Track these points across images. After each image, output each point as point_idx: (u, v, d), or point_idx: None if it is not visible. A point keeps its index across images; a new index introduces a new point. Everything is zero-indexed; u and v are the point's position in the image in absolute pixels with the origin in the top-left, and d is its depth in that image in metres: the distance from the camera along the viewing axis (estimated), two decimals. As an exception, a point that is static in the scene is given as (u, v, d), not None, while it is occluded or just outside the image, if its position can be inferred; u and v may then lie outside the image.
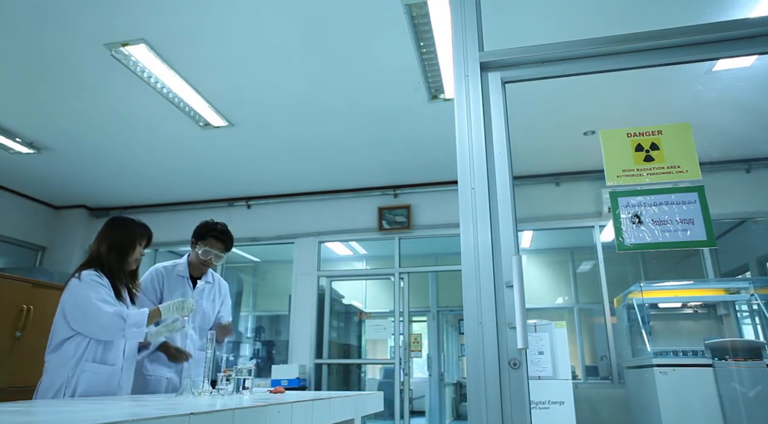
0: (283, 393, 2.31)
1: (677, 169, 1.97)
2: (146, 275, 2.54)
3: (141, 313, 2.13)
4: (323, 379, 5.87)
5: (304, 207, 6.42)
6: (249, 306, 8.74)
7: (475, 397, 1.63)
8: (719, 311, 4.75)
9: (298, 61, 3.74)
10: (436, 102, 4.20)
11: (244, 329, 8.38)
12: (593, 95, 4.17)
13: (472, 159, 1.79)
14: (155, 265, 2.66)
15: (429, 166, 5.48)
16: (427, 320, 9.02)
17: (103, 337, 2.10)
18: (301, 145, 5.12)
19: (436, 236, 5.98)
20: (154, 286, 2.54)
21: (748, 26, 1.93)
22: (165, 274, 2.60)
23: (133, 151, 5.25)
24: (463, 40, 1.98)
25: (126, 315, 2.08)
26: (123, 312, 2.10)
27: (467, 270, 1.71)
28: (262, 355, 7.63)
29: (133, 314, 2.11)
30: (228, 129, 4.74)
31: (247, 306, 8.68)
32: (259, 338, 8.01)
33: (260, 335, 8.11)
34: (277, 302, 8.00)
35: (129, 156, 5.36)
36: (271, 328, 8.35)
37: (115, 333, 2.07)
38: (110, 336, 2.10)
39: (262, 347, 7.78)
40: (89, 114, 4.49)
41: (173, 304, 2.21)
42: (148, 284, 2.51)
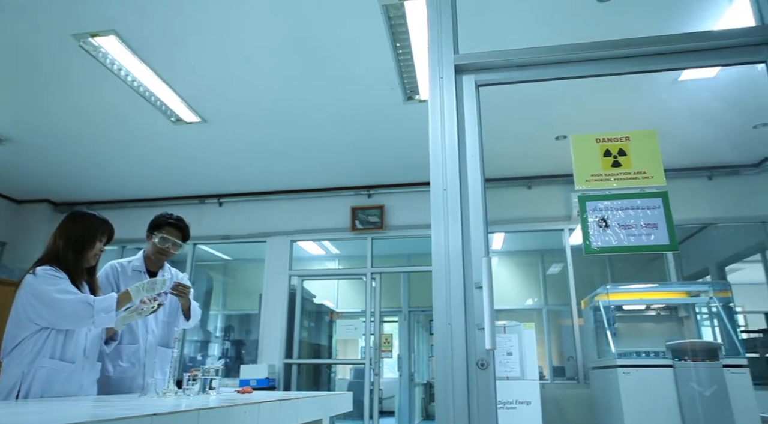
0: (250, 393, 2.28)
1: (643, 175, 2.03)
2: (101, 271, 2.46)
3: (109, 297, 2.06)
4: (293, 379, 5.83)
5: (277, 205, 6.37)
6: (219, 305, 8.62)
7: (442, 397, 1.65)
8: (680, 313, 4.90)
9: (274, 59, 3.71)
10: (412, 103, 4.22)
11: (213, 328, 8.25)
12: (566, 100, 4.25)
13: (444, 161, 1.81)
14: (110, 262, 2.59)
15: (403, 166, 5.50)
16: (399, 320, 9.04)
17: (72, 326, 2.03)
18: (274, 144, 5.07)
19: (409, 236, 6.00)
20: (109, 282, 2.47)
21: (712, 38, 2.00)
22: (120, 270, 2.53)
23: (102, 145, 5.11)
24: (439, 43, 2.00)
25: (93, 301, 2.02)
26: (89, 298, 2.03)
27: (438, 271, 1.72)
28: (231, 355, 7.52)
29: (101, 299, 2.05)
30: (200, 125, 4.66)
31: (216, 305, 8.55)
32: (229, 338, 7.90)
33: (229, 335, 8.00)
34: (248, 301, 7.90)
35: (97, 150, 5.22)
36: (241, 327, 8.25)
37: (83, 320, 2.01)
38: (79, 324, 2.03)
39: (231, 347, 7.68)
40: (55, 105, 4.36)
41: (143, 284, 2.14)
42: (103, 281, 2.43)
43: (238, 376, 5.50)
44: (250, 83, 4.02)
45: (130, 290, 2.12)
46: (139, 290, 2.12)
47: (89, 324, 2.04)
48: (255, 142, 5.05)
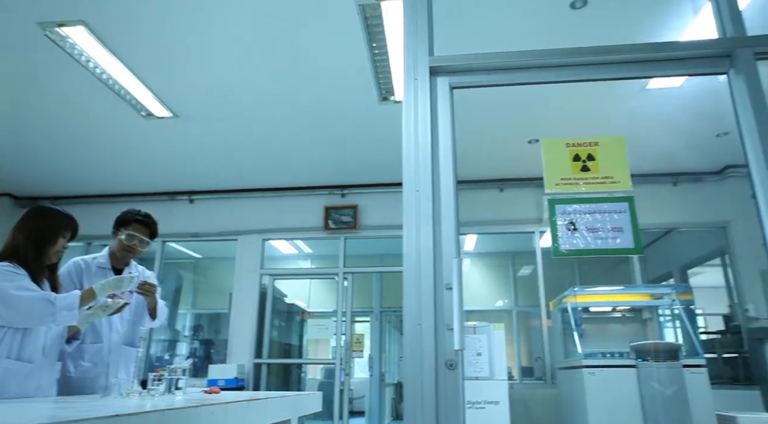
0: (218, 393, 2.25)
1: (611, 180, 2.07)
2: (63, 268, 2.38)
3: (72, 295, 2.00)
4: (262, 379, 5.77)
5: (249, 204, 6.29)
6: (188, 304, 8.47)
7: (411, 397, 1.65)
8: (644, 315, 5.03)
9: (248, 55, 3.66)
10: (387, 104, 4.23)
11: (182, 327, 8.11)
12: (539, 105, 4.32)
13: (417, 162, 1.81)
14: (74, 258, 2.51)
15: (377, 167, 5.51)
16: (370, 320, 9.05)
17: (31, 324, 1.97)
18: (248, 141, 5.01)
19: (383, 236, 6.01)
20: (72, 279, 2.39)
21: (678, 49, 2.06)
22: (84, 267, 2.45)
23: (68, 138, 4.96)
24: (414, 44, 2.00)
25: (54, 298, 1.95)
26: (50, 295, 1.97)
27: (408, 271, 1.73)
28: (199, 354, 7.40)
29: (63, 297, 1.98)
30: (172, 120, 4.57)
31: (185, 304, 8.40)
32: (197, 337, 7.77)
33: (198, 334, 7.87)
34: (218, 300, 7.78)
35: (62, 143, 5.06)
36: (211, 326, 8.12)
37: (43, 318, 1.94)
38: (39, 322, 1.97)
39: (200, 346, 7.55)
40: (19, 95, 4.21)
41: (108, 282, 2.08)
42: (66, 278, 2.35)
43: (206, 376, 5.41)
44: (224, 79, 3.96)
45: (95, 287, 2.06)
46: (105, 287, 2.07)
47: (50, 322, 1.98)
48: (228, 139, 4.98)
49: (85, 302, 2.02)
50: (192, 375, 6.34)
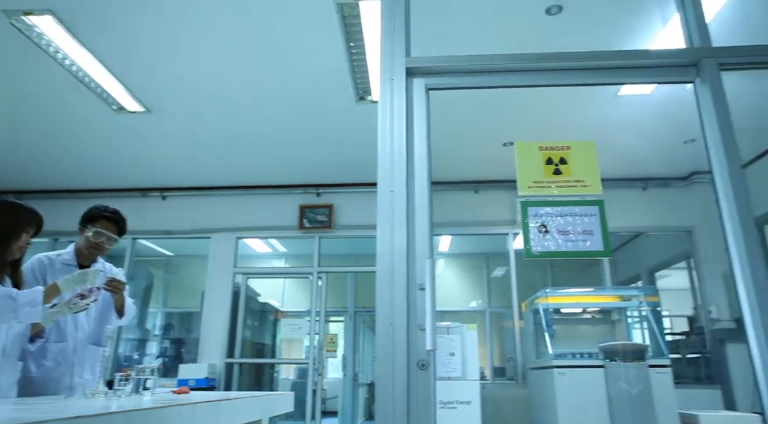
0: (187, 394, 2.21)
1: (582, 184, 2.11)
2: (26, 264, 2.30)
3: (35, 291, 1.93)
4: (234, 379, 5.70)
5: (223, 201, 6.21)
6: (159, 302, 8.31)
7: (383, 397, 1.65)
8: (613, 316, 5.15)
9: (225, 51, 3.61)
10: (363, 103, 4.23)
11: (152, 326, 7.95)
12: (514, 108, 4.37)
13: (392, 162, 1.82)
14: (38, 254, 2.43)
15: (353, 166, 5.50)
16: (345, 320, 9.03)
17: None
18: (222, 138, 4.95)
19: (358, 236, 6.00)
20: (35, 276, 2.31)
21: (649, 57, 2.12)
22: (48, 263, 2.38)
23: (34, 131, 4.81)
24: (391, 45, 2.01)
25: (16, 294, 1.89)
26: (11, 291, 1.91)
27: (382, 271, 1.73)
28: (170, 354, 7.27)
29: (25, 293, 1.92)
30: (145, 115, 4.48)
31: (156, 302, 8.24)
32: (168, 336, 7.63)
33: (169, 333, 7.73)
34: (190, 299, 7.66)
35: (29, 136, 4.91)
36: (182, 325, 7.98)
37: (5, 315, 1.87)
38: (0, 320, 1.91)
39: (170, 346, 7.42)
40: (-18, 86, 4.07)
41: (73, 276, 2.02)
42: (29, 275, 2.27)
43: (176, 376, 5.32)
44: (198, 74, 3.90)
45: (59, 282, 2.00)
46: (69, 282, 2.01)
47: (11, 320, 1.92)
48: (202, 135, 4.90)
49: (49, 299, 1.97)
50: (162, 375, 6.23)
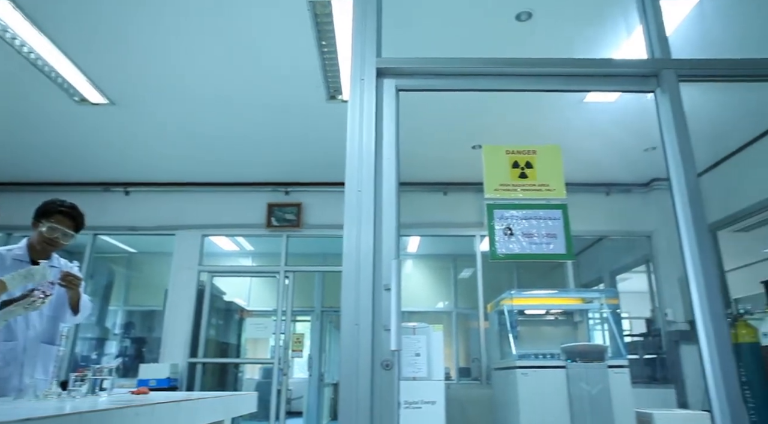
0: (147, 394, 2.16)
1: (547, 188, 2.15)
2: None
3: None
4: (197, 379, 5.59)
5: (189, 198, 6.08)
6: (120, 300, 8.08)
7: (346, 397, 1.65)
8: (576, 318, 5.27)
9: (194, 46, 3.54)
10: (334, 102, 4.21)
11: (112, 324, 7.73)
12: (483, 111, 4.42)
13: (360, 162, 1.82)
14: None
15: (323, 165, 5.47)
16: (311, 319, 8.97)
17: None
18: (189, 133, 4.85)
19: (326, 236, 5.98)
20: None
21: (613, 66, 2.17)
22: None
23: (-11, 120, 4.62)
24: (362, 45, 2.01)
25: None
26: None
27: (348, 271, 1.73)
28: (130, 353, 7.07)
29: None
30: (108, 107, 4.35)
31: (117, 300, 8.02)
32: (129, 335, 7.43)
33: (130, 332, 7.52)
34: (152, 297, 7.47)
35: (-17, 125, 4.70)
36: (143, 324, 7.79)
37: None
38: None
39: (131, 345, 7.22)
40: (-67, 72, 3.88)
41: (19, 273, 1.93)
42: None
43: (137, 376, 5.18)
44: (166, 68, 3.81)
45: (5, 279, 1.92)
46: (15, 278, 1.93)
47: None
48: (168, 130, 4.79)
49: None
50: (121, 375, 6.06)
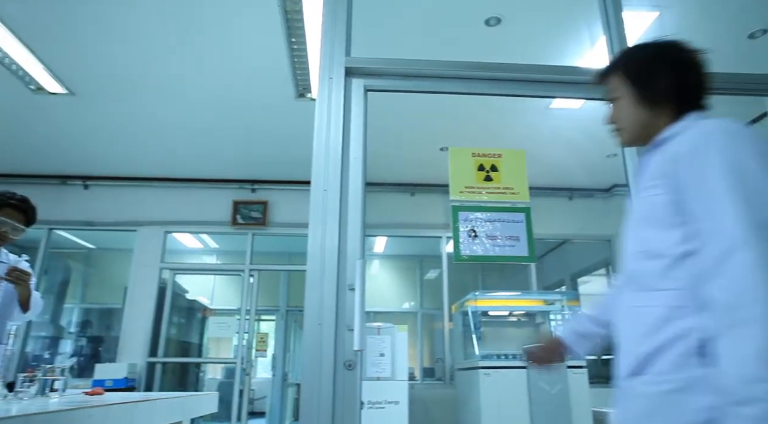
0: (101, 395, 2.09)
1: (511, 191, 2.19)
2: None
3: None
4: (156, 379, 5.45)
5: (152, 193, 5.93)
6: (76, 297, 7.80)
7: (308, 397, 1.64)
8: (538, 319, 5.39)
9: (158, 36, 3.45)
10: (303, 100, 4.18)
11: (67, 322, 7.45)
12: (452, 114, 4.46)
13: (327, 161, 1.81)
14: None
15: (290, 163, 5.41)
16: (276, 319, 8.88)
17: None
18: (153, 126, 4.72)
19: (292, 234, 5.92)
20: None
21: (579, 73, 2.22)
22: None
23: (-63, 107, 4.39)
24: (331, 43, 2.00)
25: None
26: None
27: (312, 270, 1.72)
28: (86, 352, 6.83)
29: None
30: (67, 98, 4.19)
31: (74, 297, 7.73)
32: (85, 334, 7.17)
33: (86, 330, 7.27)
34: (111, 294, 7.25)
35: (-70, 112, 4.47)
36: (101, 322, 7.53)
37: None
38: None
39: (87, 344, 6.97)
40: None
41: None
42: None
43: (92, 376, 5.01)
44: (129, 59, 3.70)
45: None
46: None
47: None
48: (131, 123, 4.65)
49: None
50: (76, 375, 5.85)
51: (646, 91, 1.22)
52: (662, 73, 1.20)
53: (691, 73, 1.21)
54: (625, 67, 1.26)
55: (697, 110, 1.21)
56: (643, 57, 1.25)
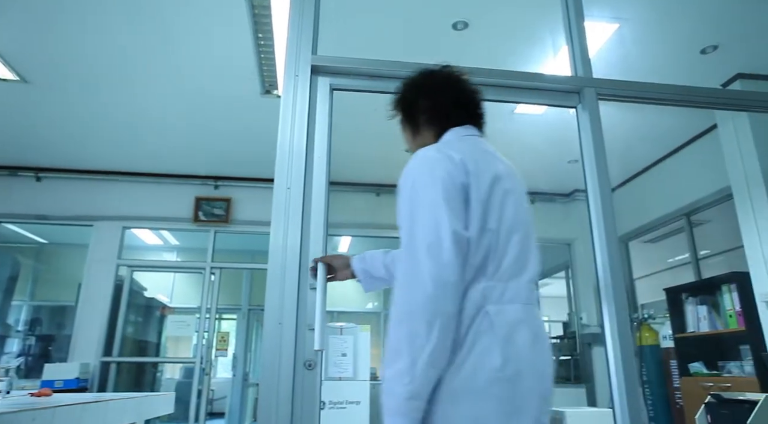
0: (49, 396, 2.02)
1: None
2: None
3: None
4: (110, 379, 5.28)
5: (110, 187, 5.74)
6: (26, 294, 7.48)
7: (267, 397, 1.62)
8: (498, 320, 5.47)
9: (123, 26, 3.34)
10: (269, 97, 4.12)
11: (15, 320, 7.13)
12: (418, 117, 4.49)
13: (291, 159, 1.79)
14: None
15: (255, 161, 5.33)
16: (238, 318, 8.74)
17: None
18: (112, 118, 4.57)
19: (255, 232, 5.84)
20: None
21: (541, 80, 2.28)
22: None
23: None
24: (298, 40, 1.98)
25: None
26: None
27: (273, 269, 1.70)
28: (35, 352, 6.56)
29: None
30: (19, 85, 4.01)
31: (23, 294, 7.40)
32: (34, 332, 6.88)
33: (36, 329, 6.97)
34: (64, 291, 6.98)
35: None
36: (52, 321, 7.24)
37: None
38: None
39: (36, 343, 6.69)
40: None
41: None
42: None
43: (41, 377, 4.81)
44: (88, 49, 3.57)
45: None
46: None
47: None
48: (88, 114, 4.49)
49: None
50: (23, 376, 5.60)
51: (410, 118, 1.39)
52: (417, 99, 1.37)
53: (440, 96, 1.35)
54: (396, 99, 1.43)
55: (460, 126, 1.34)
56: (406, 88, 1.42)
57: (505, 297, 1.11)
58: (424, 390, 1.01)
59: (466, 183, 1.13)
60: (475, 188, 1.13)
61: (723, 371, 3.97)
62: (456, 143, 1.25)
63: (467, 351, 1.05)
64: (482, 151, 1.25)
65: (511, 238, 1.16)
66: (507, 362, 1.04)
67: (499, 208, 1.16)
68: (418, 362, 0.99)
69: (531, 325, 1.13)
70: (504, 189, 1.19)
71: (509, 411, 1.02)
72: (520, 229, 1.19)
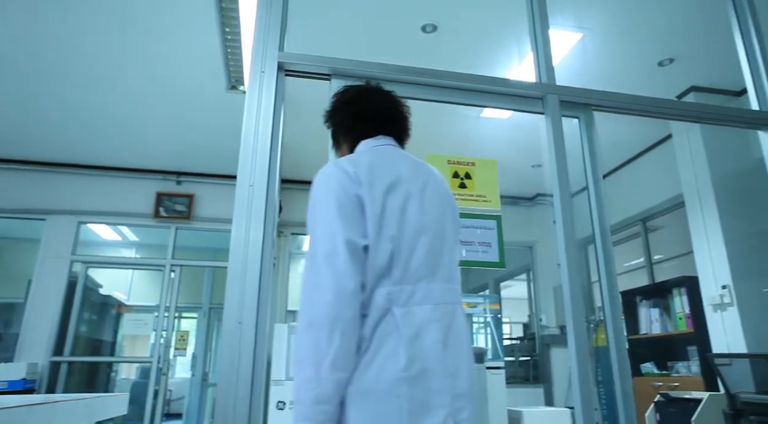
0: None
1: (483, 199, 2.27)
2: None
3: None
4: (61, 380, 5.08)
5: (65, 180, 5.52)
6: (-30, 290, 7.12)
7: (224, 396, 1.59)
8: (460, 321, 5.54)
9: (81, 15, 3.21)
10: (235, 93, 4.05)
11: (-43, 318, 6.78)
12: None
13: (255, 155, 1.77)
14: None
15: (219, 157, 5.23)
16: (198, 317, 8.55)
17: None
18: (70, 110, 4.39)
19: (217, 230, 5.72)
20: None
21: (508, 85, 2.31)
22: None
23: None
24: (265, 37, 1.96)
25: None
26: None
27: (234, 267, 1.67)
28: (-22, 351, 6.25)
29: None
30: (-32, 70, 3.82)
31: (-34, 290, 7.05)
32: (-22, 330, 6.55)
33: (-20, 327, 6.64)
34: (11, 288, 6.67)
35: None
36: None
37: None
38: None
39: (-21, 342, 6.38)
40: None
41: None
42: None
43: (-15, 376, 4.59)
44: (46, 38, 3.42)
45: None
46: None
47: None
48: (43, 104, 4.30)
49: None
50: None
51: (332, 133, 1.48)
52: (333, 115, 1.45)
53: (349, 111, 1.42)
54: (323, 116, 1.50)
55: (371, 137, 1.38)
56: (329, 105, 1.49)
57: (414, 299, 1.14)
58: (330, 394, 1.04)
59: (359, 194, 1.16)
60: (369, 198, 1.16)
61: (672, 371, 4.13)
62: (365, 154, 1.28)
63: (373, 353, 1.08)
64: (386, 159, 1.27)
65: (417, 241, 1.18)
66: (412, 361, 1.07)
67: (399, 214, 1.18)
68: (321, 367, 1.03)
69: (444, 324, 1.16)
70: (405, 194, 1.21)
71: (416, 410, 1.05)
72: (427, 231, 1.21)
